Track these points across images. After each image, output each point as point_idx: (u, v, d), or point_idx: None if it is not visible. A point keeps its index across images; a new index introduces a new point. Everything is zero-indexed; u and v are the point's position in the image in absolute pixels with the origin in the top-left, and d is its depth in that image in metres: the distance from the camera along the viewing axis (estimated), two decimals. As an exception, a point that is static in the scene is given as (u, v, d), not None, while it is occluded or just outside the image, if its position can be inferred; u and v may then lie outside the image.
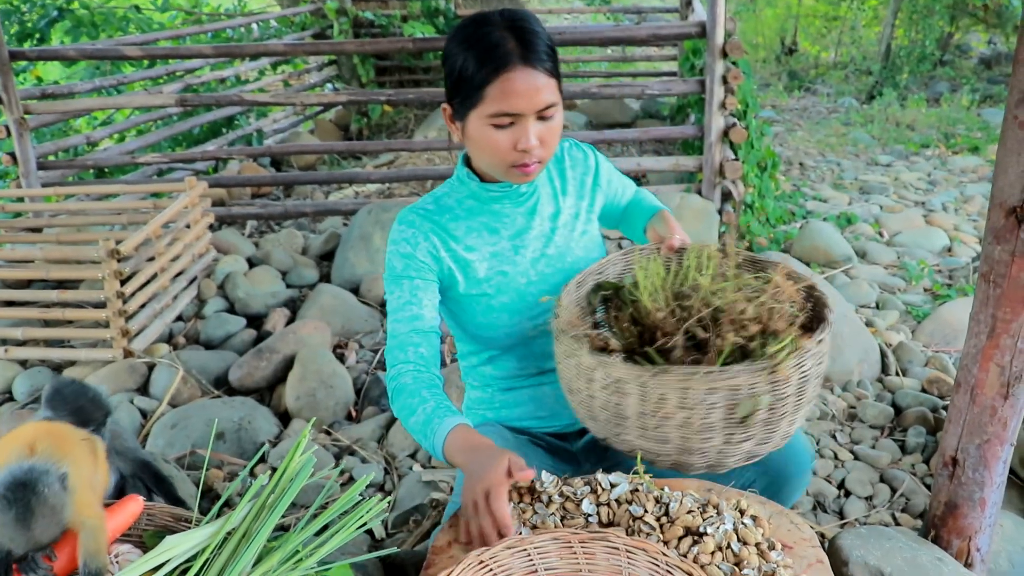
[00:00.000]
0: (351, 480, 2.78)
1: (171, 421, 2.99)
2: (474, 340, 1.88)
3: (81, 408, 1.54)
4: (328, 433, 3.08)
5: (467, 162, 1.76)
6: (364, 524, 1.36)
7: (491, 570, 1.29)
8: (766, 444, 1.49)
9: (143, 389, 3.38)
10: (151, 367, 3.44)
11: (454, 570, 1.23)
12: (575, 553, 1.33)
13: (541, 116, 1.58)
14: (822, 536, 2.30)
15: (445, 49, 1.63)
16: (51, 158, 5.58)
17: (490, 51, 1.54)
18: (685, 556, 1.35)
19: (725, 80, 4.80)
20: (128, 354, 3.47)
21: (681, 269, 1.66)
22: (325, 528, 1.40)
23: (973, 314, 1.69)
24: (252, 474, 2.86)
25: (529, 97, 1.54)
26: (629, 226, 1.97)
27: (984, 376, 1.68)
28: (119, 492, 1.68)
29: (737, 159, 4.95)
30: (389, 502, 2.68)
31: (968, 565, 1.83)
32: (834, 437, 3.00)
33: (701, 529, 1.38)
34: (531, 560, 1.32)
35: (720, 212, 4.95)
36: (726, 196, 5.01)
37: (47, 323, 3.72)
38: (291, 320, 3.90)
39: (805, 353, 1.43)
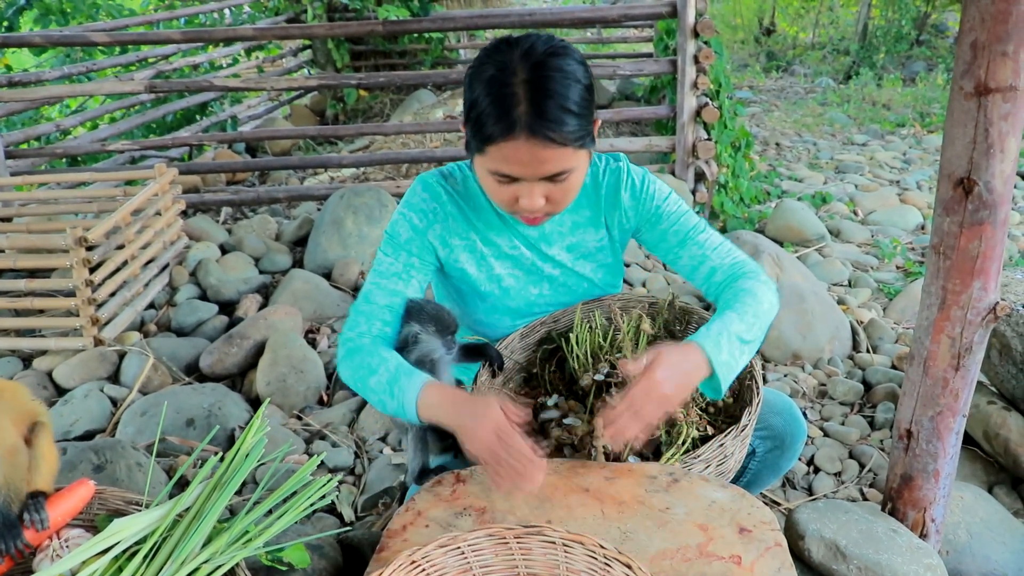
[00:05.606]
0: (322, 464, 2.78)
1: (141, 408, 2.97)
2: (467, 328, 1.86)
3: (441, 319, 1.62)
4: (299, 418, 3.08)
5: None
6: (313, 504, 1.36)
7: (424, 570, 1.24)
8: None
9: (114, 377, 3.36)
10: (122, 355, 3.42)
11: (384, 571, 1.19)
12: (511, 549, 1.29)
13: (550, 178, 1.44)
14: (789, 512, 2.32)
15: (468, 73, 1.47)
16: (23, 147, 5.52)
17: (499, 107, 1.36)
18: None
19: (697, 60, 4.80)
20: (99, 342, 3.44)
21: (618, 339, 1.73)
22: (279, 508, 1.40)
23: (925, 286, 1.69)
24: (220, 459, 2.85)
25: (533, 168, 1.40)
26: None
27: (936, 348, 1.69)
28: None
29: (710, 139, 4.95)
30: (358, 486, 2.68)
31: (923, 536, 1.85)
32: (804, 415, 3.02)
33: None
34: (465, 559, 1.28)
35: (693, 192, 4.96)
36: (699, 176, 5.02)
37: (17, 312, 3.68)
38: (263, 306, 3.88)
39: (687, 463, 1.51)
